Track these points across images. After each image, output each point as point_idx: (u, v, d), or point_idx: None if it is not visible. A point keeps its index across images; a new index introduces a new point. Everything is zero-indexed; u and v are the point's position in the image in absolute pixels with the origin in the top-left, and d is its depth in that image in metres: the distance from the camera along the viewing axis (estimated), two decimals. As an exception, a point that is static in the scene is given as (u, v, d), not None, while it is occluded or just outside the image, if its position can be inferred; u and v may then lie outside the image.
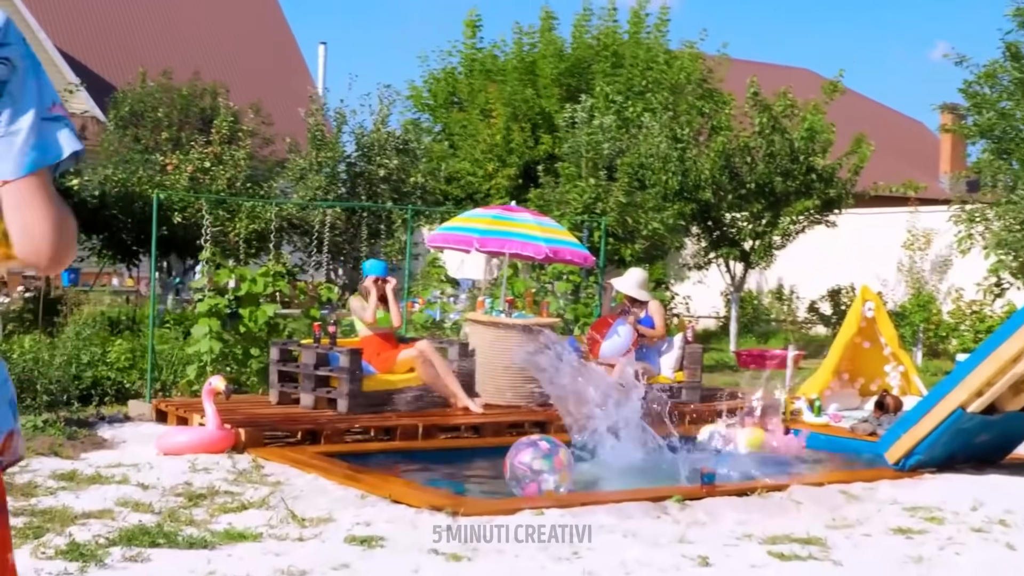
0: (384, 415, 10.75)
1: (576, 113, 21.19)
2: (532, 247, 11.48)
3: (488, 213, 12.03)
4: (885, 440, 9.62)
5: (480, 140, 26.62)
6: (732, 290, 20.39)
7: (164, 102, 22.27)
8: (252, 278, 11.99)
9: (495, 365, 11.58)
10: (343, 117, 20.00)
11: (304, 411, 10.85)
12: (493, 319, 11.64)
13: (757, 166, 18.65)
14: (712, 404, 12.27)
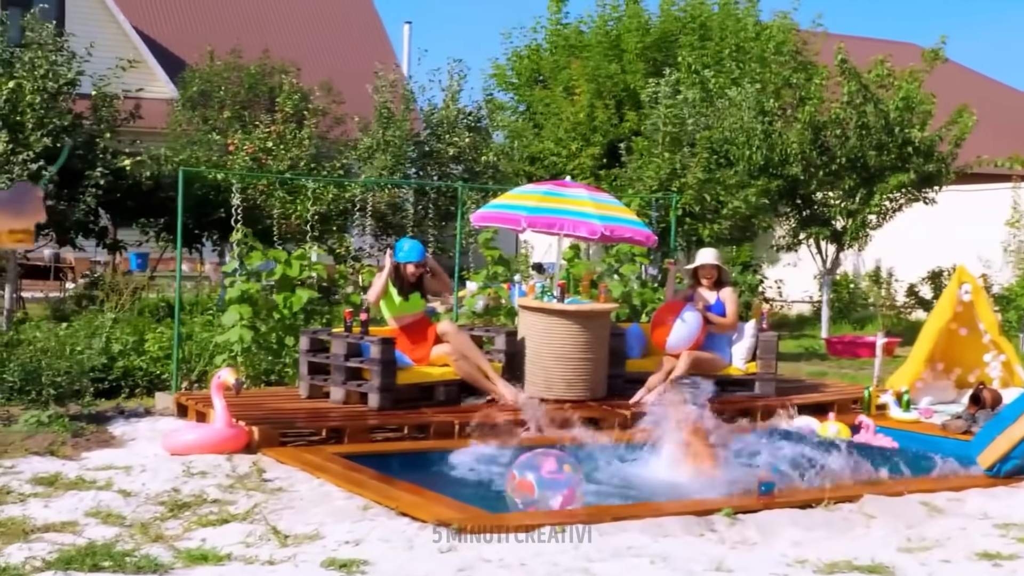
0: (420, 411, 9.81)
1: (660, 88, 20.02)
2: (586, 225, 10.43)
3: (539, 189, 11.00)
4: (978, 441, 8.44)
5: (563, 118, 25.54)
6: (824, 273, 19.08)
7: (232, 81, 21.58)
8: (286, 261, 11.12)
9: (545, 355, 10.57)
10: (412, 94, 19.08)
11: (334, 406, 9.97)
12: (543, 304, 10.63)
13: (849, 139, 17.33)
14: (788, 399, 11.19)
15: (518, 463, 7.00)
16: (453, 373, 10.24)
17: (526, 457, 7.07)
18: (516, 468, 6.99)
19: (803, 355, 17.46)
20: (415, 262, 10.38)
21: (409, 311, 10.39)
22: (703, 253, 11.43)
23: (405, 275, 10.38)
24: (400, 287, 10.37)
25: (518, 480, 6.91)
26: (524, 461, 7.01)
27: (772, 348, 11.34)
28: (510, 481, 6.96)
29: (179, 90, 22.16)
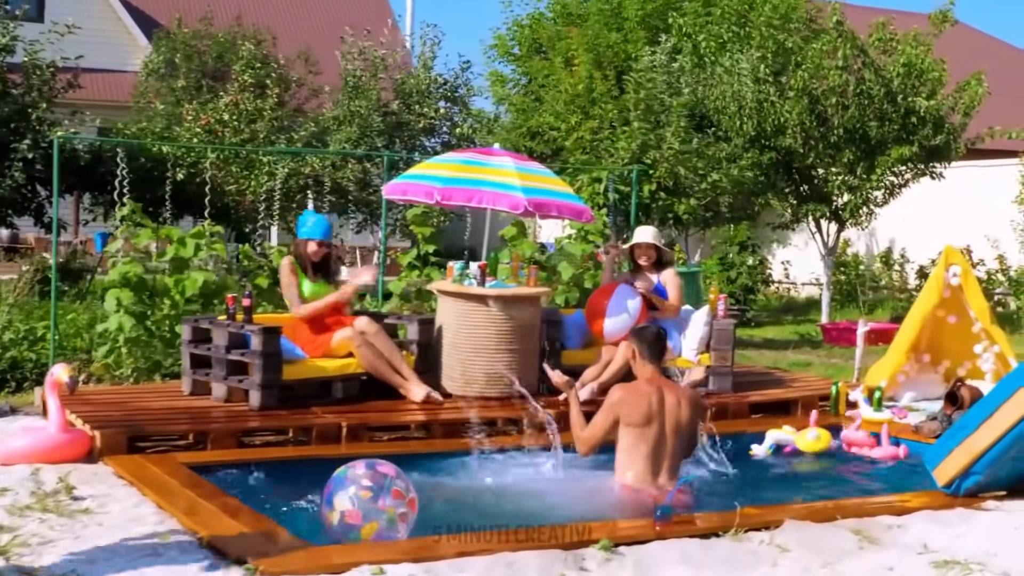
0: (310, 411, 8.58)
1: (655, 55, 18.64)
2: (507, 198, 9.12)
3: (458, 158, 9.70)
4: (934, 452, 7.10)
5: (562, 90, 24.21)
6: (825, 253, 17.66)
7: (199, 49, 20.38)
8: (180, 239, 9.91)
9: (463, 346, 9.31)
10: (381, 62, 17.79)
11: (214, 404, 8.76)
12: (460, 288, 9.36)
13: (847, 108, 15.89)
14: (745, 395, 9.88)
15: (336, 483, 5.76)
16: (355, 366, 9.01)
17: (346, 474, 5.82)
18: (333, 489, 5.75)
19: (796, 343, 16.10)
20: (318, 240, 9.17)
21: (320, 297, 9.17)
22: (639, 231, 10.13)
23: (306, 254, 9.17)
24: (304, 268, 9.17)
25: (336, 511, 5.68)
26: (343, 479, 5.78)
27: (728, 338, 10.01)
28: (324, 511, 5.73)
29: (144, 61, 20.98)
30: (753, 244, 19.31)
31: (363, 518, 5.61)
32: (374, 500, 5.67)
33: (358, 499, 5.65)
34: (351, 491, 5.64)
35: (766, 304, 21.79)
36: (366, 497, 5.67)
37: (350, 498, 5.65)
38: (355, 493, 5.62)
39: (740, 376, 10.55)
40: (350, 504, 5.65)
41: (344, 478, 5.75)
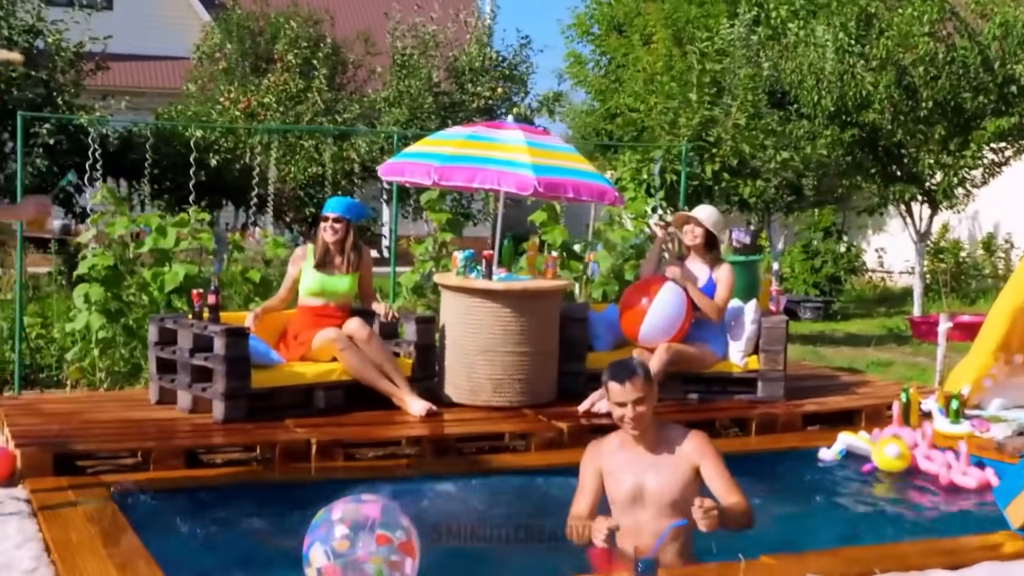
0: (282, 424, 7.45)
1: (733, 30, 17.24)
2: (514, 177, 7.88)
3: (462, 133, 8.47)
4: (1008, 482, 5.72)
5: (640, 69, 22.87)
6: (917, 239, 16.12)
7: (252, 32, 19.42)
8: (159, 228, 8.85)
9: (468, 348, 8.12)
10: (431, 38, 16.62)
11: (179, 416, 7.68)
12: (465, 282, 8.16)
13: (939, 78, 14.33)
14: (798, 404, 8.53)
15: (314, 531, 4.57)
16: (339, 372, 7.86)
17: (323, 519, 4.63)
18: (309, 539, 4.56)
19: (880, 338, 14.62)
20: (329, 215, 8.01)
21: (328, 293, 8.03)
22: (698, 208, 8.80)
23: (320, 241, 8.05)
24: (316, 253, 8.05)
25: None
26: (318, 525, 4.59)
27: (779, 337, 8.64)
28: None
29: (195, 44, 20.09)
30: (839, 230, 17.80)
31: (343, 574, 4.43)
32: (353, 550, 4.47)
33: (333, 551, 4.45)
34: (327, 541, 4.44)
35: (859, 295, 20.25)
36: (343, 548, 4.46)
37: (325, 551, 4.44)
38: (331, 544, 4.42)
39: (796, 380, 9.19)
40: (325, 559, 4.45)
41: (319, 524, 4.55)
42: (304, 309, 8.10)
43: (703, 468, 5.20)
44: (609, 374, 5.22)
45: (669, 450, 5.23)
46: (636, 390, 5.11)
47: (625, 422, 5.16)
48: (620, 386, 5.11)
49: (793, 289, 17.95)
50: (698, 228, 8.54)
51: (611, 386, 5.16)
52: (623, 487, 5.19)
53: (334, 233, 7.96)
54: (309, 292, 8.06)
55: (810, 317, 16.82)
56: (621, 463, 5.23)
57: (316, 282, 8.02)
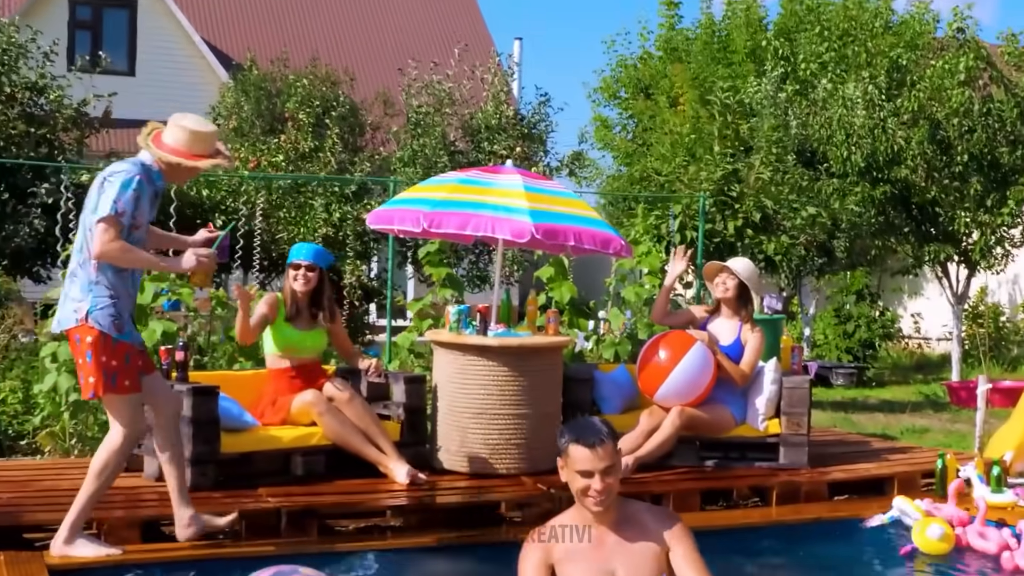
0: (255, 493, 6.81)
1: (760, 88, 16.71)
2: (511, 224, 7.26)
3: (458, 177, 7.87)
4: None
5: (667, 132, 22.31)
6: (955, 302, 15.38)
7: (268, 92, 19.05)
8: (135, 283, 8.26)
9: (461, 410, 7.48)
10: (446, 96, 16.15)
11: (142, 484, 7.05)
12: (458, 338, 7.53)
13: (974, 131, 13.68)
14: (824, 471, 7.82)
15: None
16: (319, 436, 7.22)
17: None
18: None
19: (916, 404, 13.84)
20: (295, 262, 7.40)
21: (298, 349, 7.40)
22: (733, 260, 8.17)
23: (288, 290, 7.44)
24: (287, 309, 7.42)
25: None
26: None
27: (803, 399, 7.95)
28: None
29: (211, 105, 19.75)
30: (872, 293, 17.08)
31: None
32: None
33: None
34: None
35: (894, 362, 19.47)
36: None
37: None
38: None
39: (822, 446, 8.53)
40: None
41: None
42: (278, 372, 7.48)
43: (673, 552, 4.30)
44: (572, 435, 4.27)
45: (636, 530, 4.32)
46: (607, 457, 4.21)
47: (589, 495, 4.22)
48: (589, 451, 4.19)
49: (825, 355, 17.21)
50: (731, 280, 7.92)
51: (574, 451, 4.22)
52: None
53: (306, 283, 7.36)
54: (281, 349, 7.42)
55: (843, 384, 16.07)
56: (580, 550, 4.29)
57: (287, 338, 7.38)
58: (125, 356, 5.60)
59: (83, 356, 5.56)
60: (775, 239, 12.81)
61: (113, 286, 5.55)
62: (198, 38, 26.86)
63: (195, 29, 26.94)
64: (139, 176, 5.55)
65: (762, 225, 12.84)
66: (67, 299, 5.62)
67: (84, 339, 5.53)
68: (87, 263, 5.57)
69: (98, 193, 5.52)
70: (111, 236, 5.42)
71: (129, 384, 5.63)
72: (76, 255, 5.67)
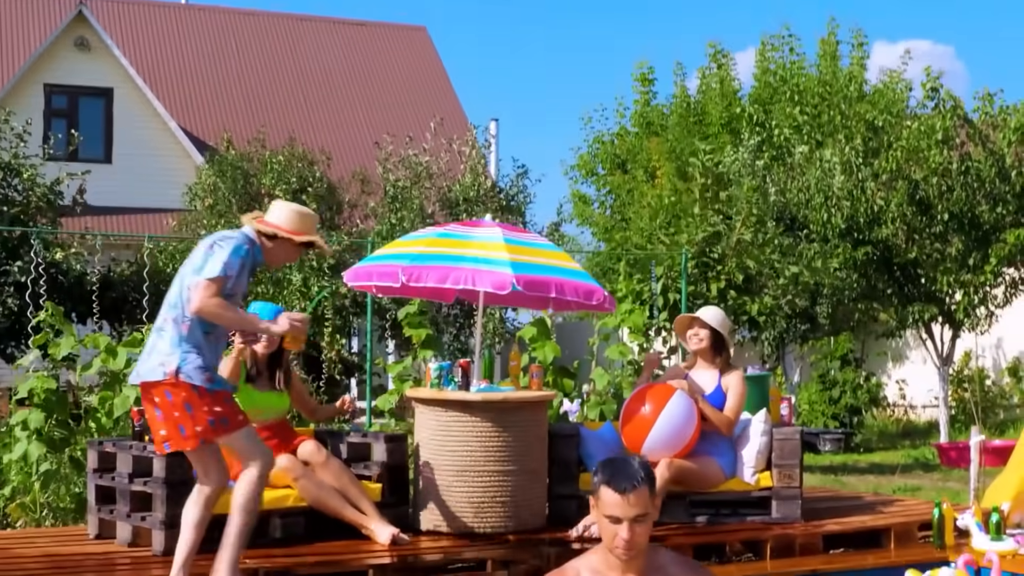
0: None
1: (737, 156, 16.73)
2: (491, 276, 7.12)
3: (434, 232, 7.75)
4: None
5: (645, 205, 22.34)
6: (940, 364, 15.26)
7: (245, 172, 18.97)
8: (108, 348, 8.08)
9: (444, 468, 7.27)
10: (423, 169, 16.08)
11: (118, 550, 6.80)
12: (439, 394, 7.35)
13: (953, 189, 13.66)
14: (818, 524, 7.62)
15: None
16: (297, 497, 7.00)
17: None
18: None
19: (908, 466, 13.66)
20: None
21: (262, 410, 7.19)
22: (703, 310, 8.03)
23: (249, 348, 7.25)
24: (248, 371, 7.25)
25: None
26: None
27: (794, 451, 7.76)
28: None
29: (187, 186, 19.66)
30: (857, 358, 16.94)
31: None
32: None
33: None
34: None
35: (881, 429, 19.29)
36: None
37: None
38: None
39: (815, 502, 8.32)
40: None
41: None
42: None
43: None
44: (604, 477, 3.99)
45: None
46: (639, 505, 3.93)
47: (616, 543, 3.93)
48: (620, 497, 3.92)
49: (811, 422, 17.02)
50: (703, 330, 7.76)
51: (605, 494, 3.96)
52: None
53: (269, 344, 7.19)
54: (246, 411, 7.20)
55: (830, 449, 15.87)
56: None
57: (252, 399, 7.15)
58: (224, 400, 5.70)
59: (179, 410, 5.59)
60: (758, 300, 12.70)
61: (200, 344, 5.63)
62: (174, 124, 26.84)
63: (171, 115, 26.94)
64: (248, 246, 5.70)
65: (745, 286, 12.75)
66: (153, 352, 5.66)
67: (177, 394, 5.58)
68: (180, 320, 5.62)
69: (205, 254, 5.64)
70: (212, 293, 5.50)
71: (242, 419, 5.78)
72: (169, 310, 5.70)
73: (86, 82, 26.53)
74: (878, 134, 14.40)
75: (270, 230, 5.80)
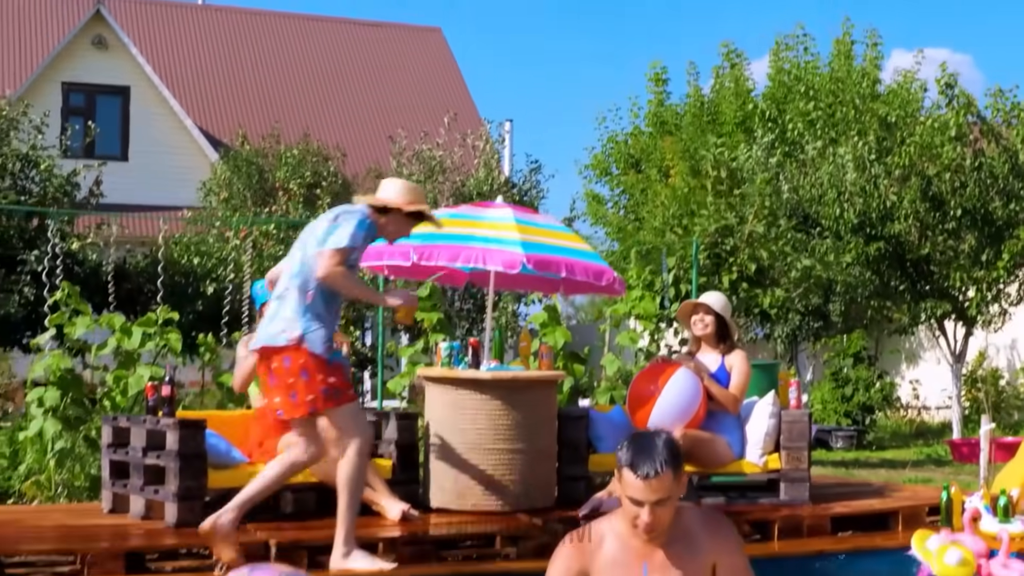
0: (244, 528, 6.61)
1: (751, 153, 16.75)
2: (502, 255, 7.19)
3: (446, 212, 7.83)
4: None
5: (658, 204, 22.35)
6: (953, 361, 15.26)
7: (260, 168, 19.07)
8: (123, 328, 8.16)
9: (455, 446, 7.32)
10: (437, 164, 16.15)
11: (129, 523, 6.88)
12: (450, 373, 7.40)
13: (966, 185, 13.67)
14: (827, 506, 7.64)
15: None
16: (307, 473, 7.04)
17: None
18: None
19: (920, 462, 13.67)
20: None
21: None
22: (704, 295, 8.06)
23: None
24: None
25: None
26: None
27: (802, 433, 7.79)
28: None
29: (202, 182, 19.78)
30: (870, 356, 16.93)
31: None
32: None
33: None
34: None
35: (894, 429, 19.27)
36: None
37: None
38: None
39: (824, 488, 8.34)
40: None
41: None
42: (263, 412, 7.31)
43: (720, 564, 4.00)
44: (628, 458, 3.86)
45: (684, 544, 3.95)
46: (661, 491, 3.82)
47: (638, 524, 3.86)
48: (642, 482, 3.81)
49: (824, 420, 17.02)
50: (708, 316, 7.79)
51: (629, 477, 3.85)
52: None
53: None
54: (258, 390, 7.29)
55: (842, 446, 15.87)
56: (623, 563, 3.95)
57: None
58: (339, 372, 5.85)
59: (295, 376, 5.72)
60: (770, 293, 12.72)
61: (322, 314, 5.77)
62: (190, 122, 27.02)
63: (187, 114, 27.09)
64: (370, 220, 5.88)
65: (756, 278, 12.77)
66: (276, 318, 5.79)
67: (296, 360, 5.69)
68: (304, 288, 5.77)
69: (329, 226, 5.80)
70: (338, 262, 5.67)
71: (351, 394, 5.93)
72: (291, 279, 5.86)
73: (103, 80, 26.74)
74: (891, 131, 14.42)
75: (381, 203, 5.95)
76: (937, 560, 6.34)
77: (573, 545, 4.04)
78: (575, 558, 4.01)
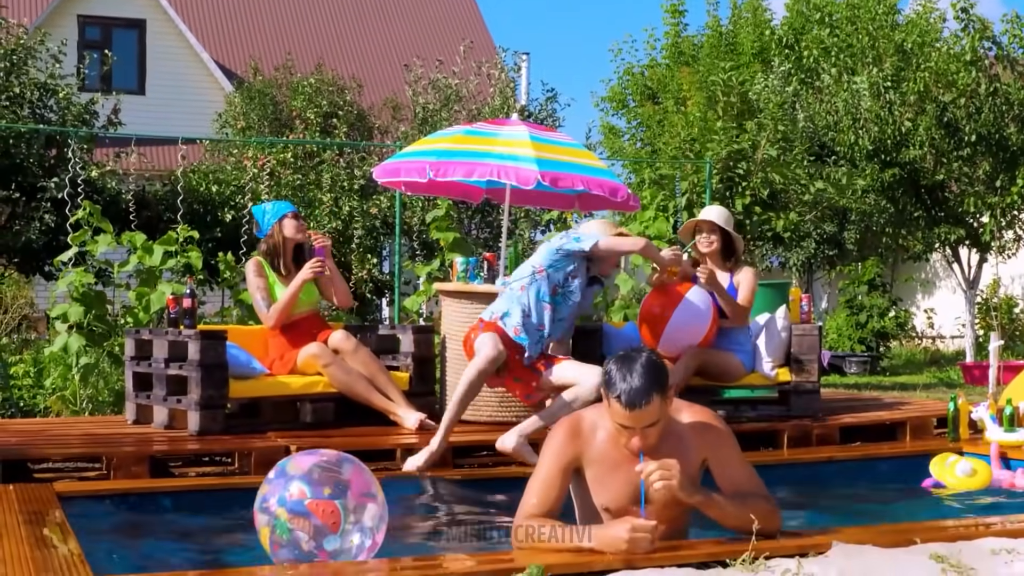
0: (265, 436, 6.80)
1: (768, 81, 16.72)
2: (516, 171, 7.29)
3: (463, 129, 7.91)
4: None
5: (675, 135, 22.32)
6: (966, 287, 15.33)
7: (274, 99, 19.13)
8: (144, 246, 8.30)
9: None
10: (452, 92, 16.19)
11: (154, 431, 7.06)
12: (465, 287, 7.53)
13: (981, 111, 13.68)
14: (836, 418, 7.78)
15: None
16: (327, 383, 7.21)
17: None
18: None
19: (932, 385, 13.78)
20: (294, 213, 7.49)
21: (300, 301, 7.41)
22: (705, 210, 8.13)
23: (281, 243, 7.45)
24: (274, 263, 7.45)
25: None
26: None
27: (812, 346, 7.91)
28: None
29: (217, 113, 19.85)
30: (884, 283, 17.01)
31: (258, 521, 3.95)
32: (265, 498, 3.97)
33: (259, 496, 3.99)
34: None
35: (908, 358, 19.37)
36: (263, 493, 3.99)
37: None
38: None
39: (833, 402, 8.48)
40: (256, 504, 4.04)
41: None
42: (282, 327, 7.47)
43: (712, 458, 4.06)
44: (613, 391, 3.83)
45: (673, 444, 3.98)
46: (648, 417, 3.82)
47: (629, 447, 3.88)
48: (630, 412, 3.80)
49: (839, 347, 17.14)
50: (712, 233, 7.84)
51: (616, 407, 3.83)
52: (614, 492, 4.02)
53: (302, 230, 7.41)
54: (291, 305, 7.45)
55: (856, 372, 16.00)
56: (613, 460, 4.00)
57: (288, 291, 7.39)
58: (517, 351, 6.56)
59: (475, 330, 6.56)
60: (784, 216, 12.80)
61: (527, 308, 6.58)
62: (206, 55, 27.02)
63: (203, 47, 27.10)
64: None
65: (770, 202, 12.84)
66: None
67: (487, 330, 6.45)
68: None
69: (567, 233, 6.76)
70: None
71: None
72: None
73: (119, 13, 26.70)
74: (907, 58, 14.40)
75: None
76: (949, 473, 6.48)
77: (568, 434, 4.06)
78: (568, 447, 4.03)
